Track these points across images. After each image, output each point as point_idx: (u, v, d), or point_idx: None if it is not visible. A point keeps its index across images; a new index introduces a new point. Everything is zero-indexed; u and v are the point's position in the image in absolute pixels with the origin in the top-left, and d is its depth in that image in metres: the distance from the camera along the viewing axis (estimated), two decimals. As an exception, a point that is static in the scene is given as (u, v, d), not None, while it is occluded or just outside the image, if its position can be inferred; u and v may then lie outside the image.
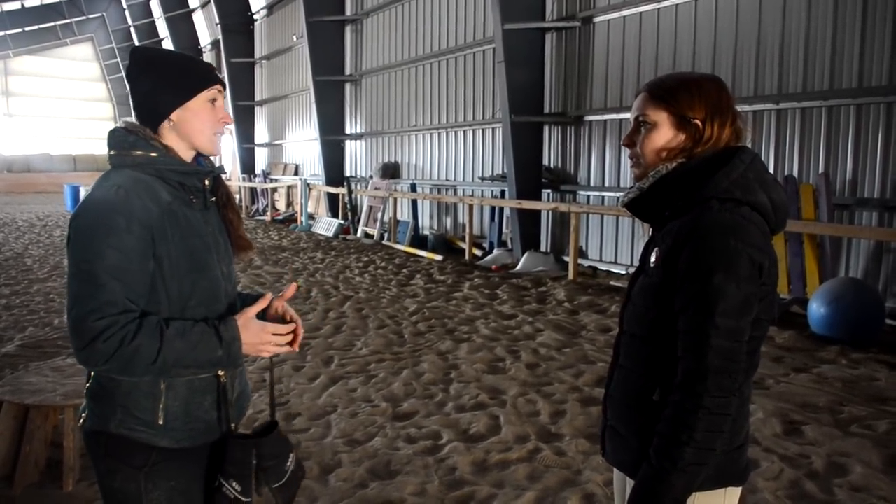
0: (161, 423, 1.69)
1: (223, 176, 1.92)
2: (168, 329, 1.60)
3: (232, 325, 1.67)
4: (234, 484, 1.73)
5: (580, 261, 9.94)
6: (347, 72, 17.72)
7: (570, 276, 9.46)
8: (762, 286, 1.53)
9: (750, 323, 1.52)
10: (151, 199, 1.65)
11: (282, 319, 1.85)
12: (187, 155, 1.77)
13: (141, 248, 1.61)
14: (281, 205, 20.94)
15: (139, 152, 1.69)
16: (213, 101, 1.76)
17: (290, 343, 1.80)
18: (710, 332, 1.47)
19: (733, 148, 1.62)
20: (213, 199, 1.85)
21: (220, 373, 1.75)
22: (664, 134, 1.64)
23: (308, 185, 17.93)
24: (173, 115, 1.72)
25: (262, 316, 1.85)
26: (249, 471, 1.76)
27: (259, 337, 1.71)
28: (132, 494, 1.69)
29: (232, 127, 24.27)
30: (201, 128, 1.74)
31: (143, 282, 1.62)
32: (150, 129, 1.73)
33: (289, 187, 20.26)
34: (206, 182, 1.79)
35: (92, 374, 1.73)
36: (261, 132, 24.22)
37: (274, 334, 1.74)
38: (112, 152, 1.72)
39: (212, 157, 1.86)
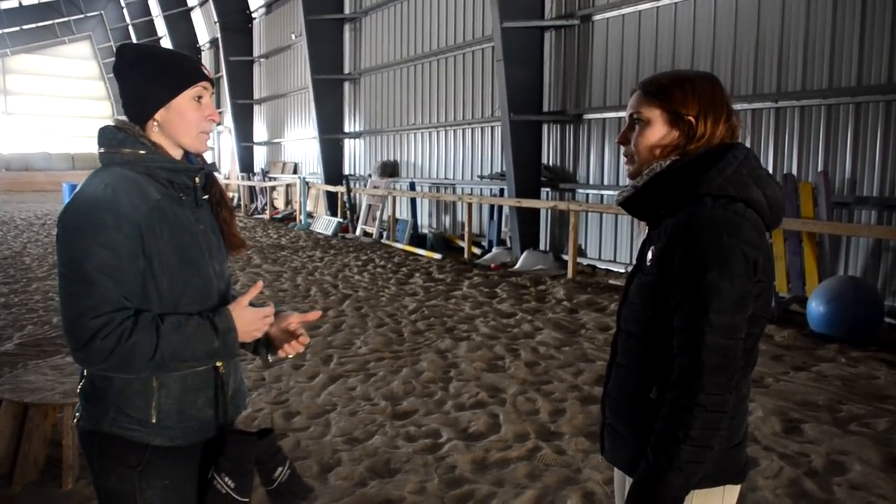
0: (154, 421, 1.68)
1: (216, 173, 1.90)
2: (164, 324, 1.61)
3: (226, 316, 1.68)
4: (226, 479, 1.72)
5: (579, 259, 9.94)
6: (346, 70, 17.70)
7: (569, 274, 9.46)
8: (757, 283, 1.53)
9: (745, 320, 1.52)
10: (140, 197, 1.64)
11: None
12: (176, 152, 1.76)
13: (130, 246, 1.60)
14: (280, 203, 20.92)
15: (127, 150, 1.69)
16: (199, 98, 1.74)
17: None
18: (704, 329, 1.47)
19: (727, 145, 1.62)
20: (207, 197, 1.85)
21: (219, 364, 1.75)
22: (658, 131, 1.64)
23: (307, 183, 17.92)
24: (157, 115, 1.71)
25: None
26: (248, 468, 1.75)
27: (253, 324, 1.73)
28: (126, 493, 1.69)
29: (231, 125, 24.28)
30: (186, 127, 1.73)
31: (135, 279, 1.62)
32: (139, 127, 1.73)
33: (287, 186, 20.24)
34: (197, 179, 1.78)
35: (85, 373, 1.72)
36: (259, 131, 24.20)
37: (266, 317, 1.77)
38: (102, 150, 1.72)
39: (203, 154, 1.85)
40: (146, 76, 1.71)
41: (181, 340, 1.61)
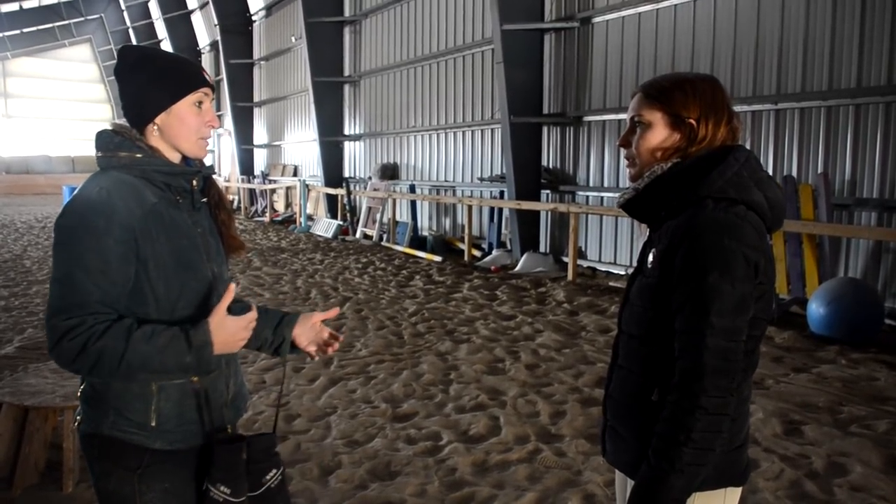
0: (154, 424, 1.68)
1: (214, 176, 1.90)
2: (136, 332, 1.58)
3: (203, 330, 1.63)
4: (221, 487, 1.71)
5: (579, 261, 9.94)
6: (346, 73, 17.72)
7: (570, 276, 9.46)
8: (759, 285, 1.53)
9: (747, 322, 1.51)
10: (135, 201, 1.64)
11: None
12: (174, 156, 1.75)
13: (121, 251, 1.60)
14: (280, 206, 20.93)
15: (124, 154, 1.68)
16: (200, 104, 1.73)
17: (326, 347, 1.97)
18: (705, 331, 1.47)
19: (728, 147, 1.62)
20: (205, 199, 1.84)
21: (194, 379, 1.72)
22: (659, 134, 1.64)
23: (307, 186, 17.92)
24: (157, 120, 1.71)
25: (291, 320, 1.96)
26: (239, 471, 1.74)
27: (236, 334, 1.68)
28: (126, 496, 1.69)
29: (231, 128, 24.29)
30: (186, 133, 1.72)
31: (123, 284, 1.61)
32: (137, 131, 1.72)
33: (288, 188, 20.25)
34: (195, 182, 1.77)
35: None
36: (259, 133, 24.22)
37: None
38: (99, 154, 1.72)
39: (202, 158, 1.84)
40: (147, 80, 1.70)
41: (150, 351, 1.58)
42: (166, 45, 29.06)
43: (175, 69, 1.73)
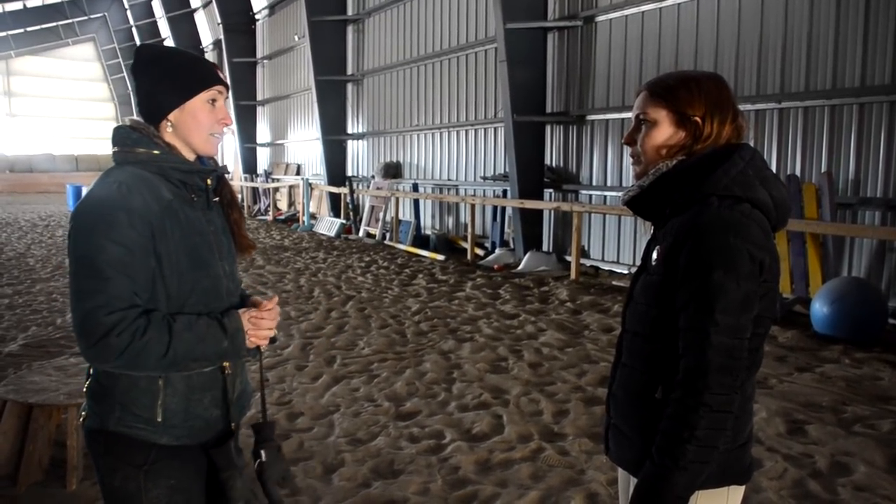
0: (160, 420, 1.69)
1: (226, 176, 1.92)
2: (175, 323, 1.62)
3: (235, 317, 1.71)
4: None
5: (582, 260, 9.93)
6: (349, 71, 17.72)
7: (573, 275, 9.46)
8: (763, 283, 1.53)
9: (751, 320, 1.51)
10: (152, 197, 1.65)
11: None
12: (189, 154, 1.77)
13: (143, 244, 1.61)
14: (283, 205, 20.95)
15: (142, 150, 1.70)
16: (213, 101, 1.76)
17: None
18: (710, 329, 1.47)
19: (733, 145, 1.62)
20: (217, 199, 1.85)
21: (225, 365, 1.77)
22: (664, 132, 1.64)
23: (310, 184, 17.93)
24: (171, 116, 1.73)
25: None
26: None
27: (266, 324, 1.78)
28: (132, 493, 1.69)
29: (234, 127, 24.30)
30: (198, 129, 1.74)
31: (147, 277, 1.63)
32: (153, 127, 1.74)
33: (291, 187, 20.27)
34: (209, 181, 1.79)
35: (91, 372, 1.73)
36: (262, 132, 24.23)
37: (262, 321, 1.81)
38: (115, 149, 1.73)
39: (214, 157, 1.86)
40: (162, 77, 1.72)
41: (193, 339, 1.63)
42: (169, 44, 29.07)
43: (189, 67, 1.75)
